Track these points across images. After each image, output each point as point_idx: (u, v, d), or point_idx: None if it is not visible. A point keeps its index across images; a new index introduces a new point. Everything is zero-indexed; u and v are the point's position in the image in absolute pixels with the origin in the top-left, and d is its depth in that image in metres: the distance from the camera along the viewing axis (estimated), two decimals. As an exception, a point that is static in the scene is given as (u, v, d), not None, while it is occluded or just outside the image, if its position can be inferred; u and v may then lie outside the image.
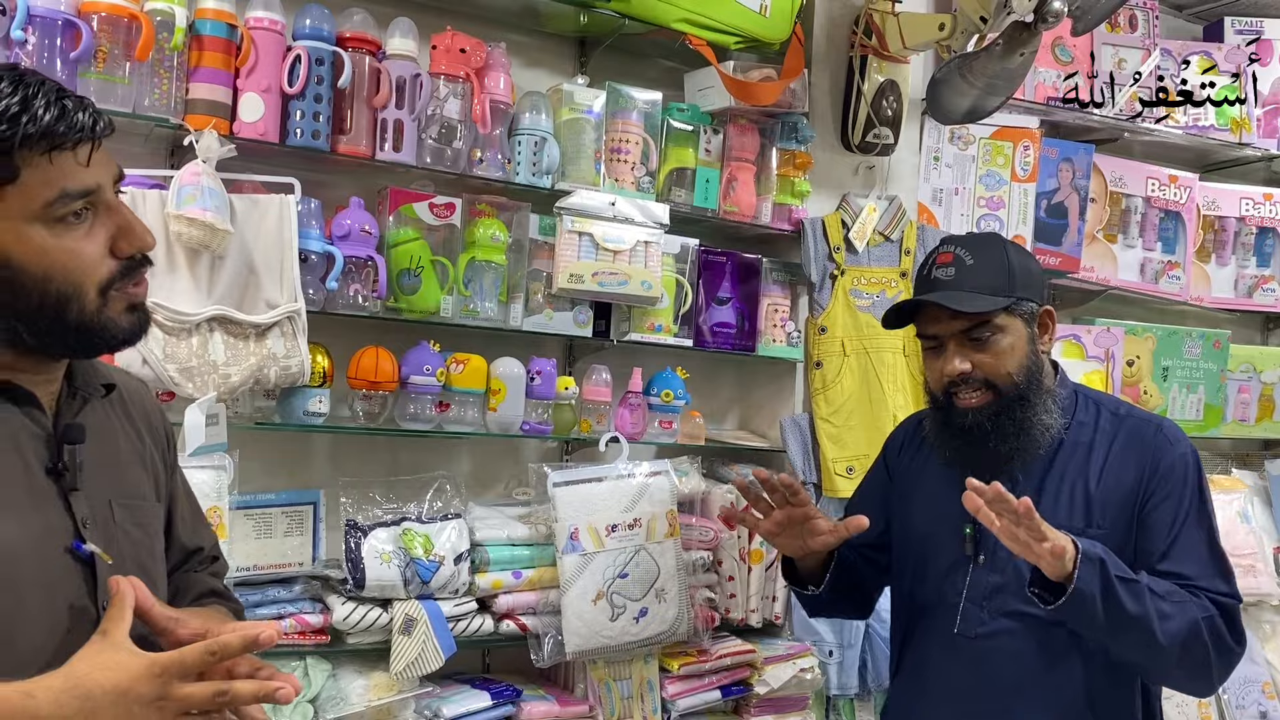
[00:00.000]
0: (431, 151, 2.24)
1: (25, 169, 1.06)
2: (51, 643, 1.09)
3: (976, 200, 3.01)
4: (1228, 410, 3.41)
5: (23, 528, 1.09)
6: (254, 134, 2.05)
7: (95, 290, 1.12)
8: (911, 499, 1.94)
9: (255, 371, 1.99)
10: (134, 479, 1.27)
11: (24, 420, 1.14)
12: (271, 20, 2.07)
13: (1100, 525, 1.72)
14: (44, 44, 1.86)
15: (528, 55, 2.56)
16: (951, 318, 1.74)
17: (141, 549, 1.23)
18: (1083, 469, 1.77)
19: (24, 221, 1.08)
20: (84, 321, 1.12)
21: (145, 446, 1.32)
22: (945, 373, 1.76)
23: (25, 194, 1.07)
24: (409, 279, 2.20)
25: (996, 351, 1.74)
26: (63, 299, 1.10)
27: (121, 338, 1.17)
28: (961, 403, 1.76)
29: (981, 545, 1.77)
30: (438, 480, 2.28)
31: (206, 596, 1.37)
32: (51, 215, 1.08)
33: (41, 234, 1.08)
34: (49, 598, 1.10)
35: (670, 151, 2.55)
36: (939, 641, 1.81)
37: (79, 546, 1.13)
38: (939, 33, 2.55)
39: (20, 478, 1.11)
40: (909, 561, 1.91)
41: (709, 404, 2.82)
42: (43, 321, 1.11)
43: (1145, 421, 1.80)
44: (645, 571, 2.33)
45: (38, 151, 1.06)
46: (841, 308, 2.73)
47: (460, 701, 2.17)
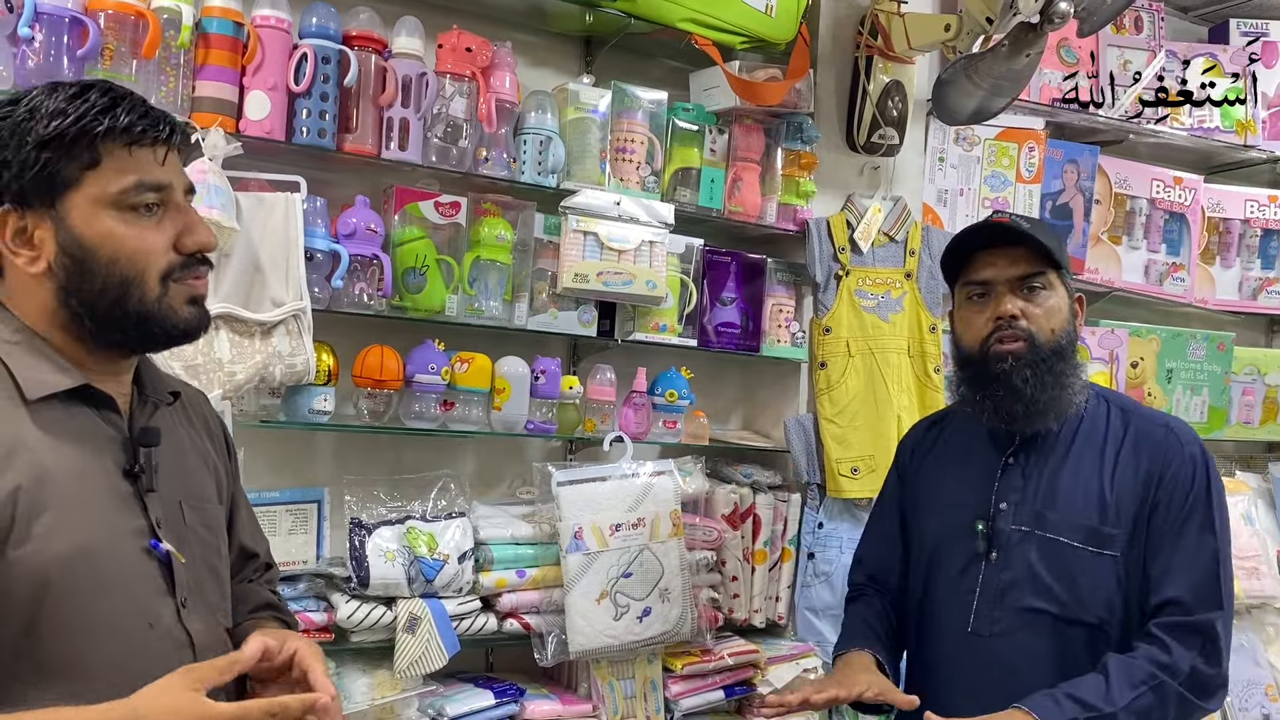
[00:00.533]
0: (437, 150, 2.24)
1: (106, 158, 1.16)
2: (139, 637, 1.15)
3: (981, 201, 3.01)
4: (1232, 413, 3.41)
5: (105, 527, 1.15)
6: (260, 132, 2.05)
7: (157, 277, 1.19)
8: (924, 500, 1.93)
9: (260, 369, 1.99)
10: (200, 482, 1.33)
11: (101, 424, 1.20)
12: (278, 18, 2.07)
13: (1114, 526, 1.71)
14: (51, 41, 1.86)
15: (533, 54, 2.56)
16: (1010, 264, 1.74)
17: (210, 550, 1.30)
18: (1096, 467, 1.76)
19: (99, 205, 1.16)
20: (144, 309, 1.18)
21: (208, 451, 1.38)
22: (996, 313, 1.74)
23: (103, 180, 1.16)
24: (414, 278, 2.20)
25: (1046, 306, 1.75)
26: (125, 282, 1.17)
27: (181, 328, 1.22)
28: (1001, 347, 1.74)
29: (994, 542, 1.77)
30: (442, 479, 2.28)
31: (263, 609, 1.43)
32: (125, 202, 1.16)
33: (113, 218, 1.16)
34: (129, 595, 1.16)
35: (675, 151, 2.55)
36: (952, 639, 1.81)
37: (156, 545, 1.19)
38: (945, 33, 2.55)
39: (102, 479, 1.17)
40: (922, 561, 1.91)
41: (713, 404, 2.82)
42: (104, 304, 1.17)
43: (1154, 422, 1.79)
44: (649, 571, 2.33)
45: (119, 144, 1.16)
46: (846, 308, 2.73)
47: (464, 700, 2.17)
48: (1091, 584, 1.70)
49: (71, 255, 1.15)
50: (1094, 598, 1.70)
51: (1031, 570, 1.69)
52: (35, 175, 1.14)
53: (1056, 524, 1.73)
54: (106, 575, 1.13)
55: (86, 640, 1.11)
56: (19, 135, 1.14)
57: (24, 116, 1.15)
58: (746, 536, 2.61)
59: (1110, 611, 1.70)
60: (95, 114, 1.15)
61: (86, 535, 1.12)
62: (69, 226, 1.15)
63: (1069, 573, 1.71)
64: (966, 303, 1.81)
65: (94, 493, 1.15)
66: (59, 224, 1.15)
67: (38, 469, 1.11)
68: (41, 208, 1.15)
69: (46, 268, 1.16)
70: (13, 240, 1.16)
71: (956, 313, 1.86)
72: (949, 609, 1.82)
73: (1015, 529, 1.76)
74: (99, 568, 1.13)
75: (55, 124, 1.14)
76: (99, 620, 1.12)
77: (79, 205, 1.15)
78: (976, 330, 1.78)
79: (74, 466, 1.14)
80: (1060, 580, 1.71)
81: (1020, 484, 1.77)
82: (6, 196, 1.15)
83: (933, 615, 1.87)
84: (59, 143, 1.14)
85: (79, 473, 1.14)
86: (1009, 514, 1.76)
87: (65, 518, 1.11)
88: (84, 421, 1.18)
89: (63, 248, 1.15)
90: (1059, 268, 1.77)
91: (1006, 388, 1.74)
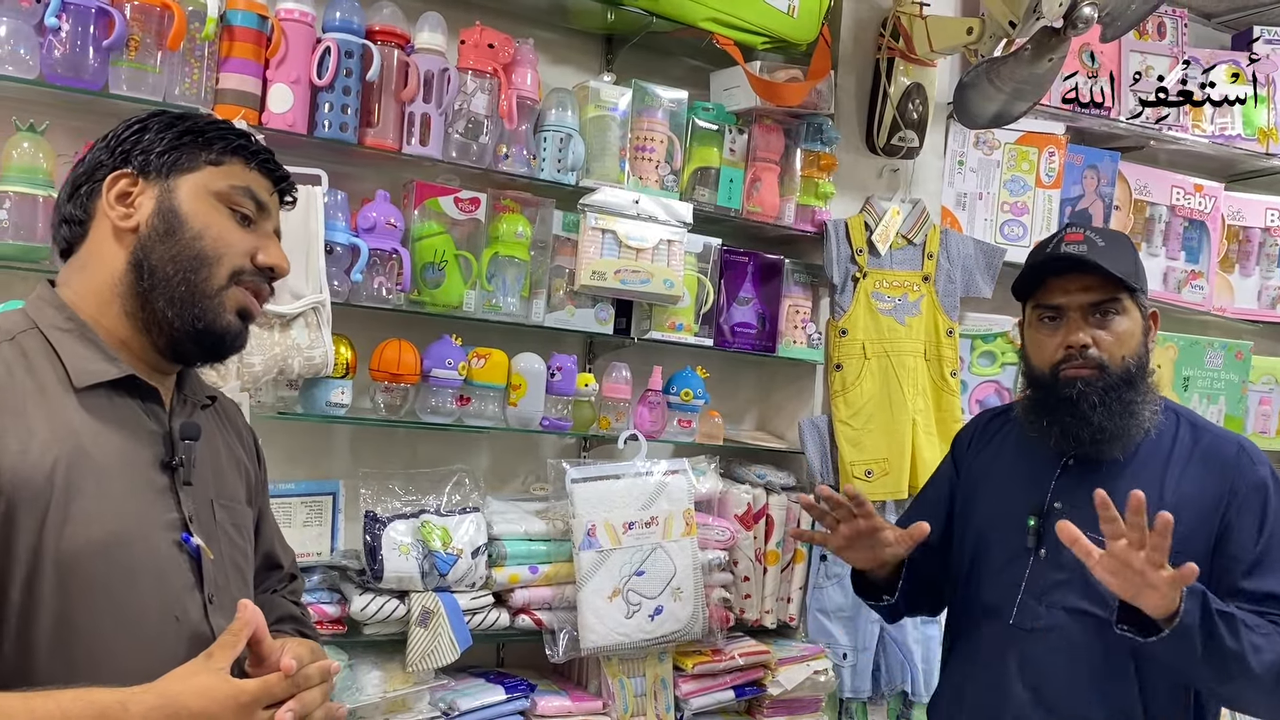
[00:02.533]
0: (458, 146, 2.24)
1: (229, 164, 1.28)
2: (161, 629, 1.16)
3: (1000, 205, 3.00)
4: (1248, 422, 3.39)
5: (139, 517, 1.17)
6: (282, 125, 2.06)
7: (228, 270, 1.25)
8: (978, 491, 1.93)
9: (279, 361, 2.00)
10: (231, 483, 1.36)
11: (144, 416, 1.23)
12: (302, 12, 2.08)
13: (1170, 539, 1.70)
14: (77, 31, 1.88)
15: (555, 52, 2.56)
16: (1082, 289, 1.73)
17: (237, 550, 1.32)
18: (1158, 479, 1.73)
19: (206, 191, 1.26)
20: (203, 293, 1.24)
21: (240, 458, 1.41)
22: (1066, 343, 1.74)
23: (218, 176, 1.27)
24: (433, 273, 2.21)
25: (1117, 332, 1.73)
26: (201, 258, 1.24)
27: (221, 328, 1.26)
28: (1069, 373, 1.73)
29: (1044, 539, 1.76)
30: (457, 474, 2.29)
31: (285, 621, 1.46)
32: (229, 198, 1.27)
33: (213, 206, 1.26)
34: (159, 585, 1.17)
35: (695, 150, 2.55)
36: (993, 631, 1.80)
37: (187, 539, 1.21)
38: (967, 36, 2.54)
39: (140, 469, 1.20)
40: (968, 551, 1.91)
41: (728, 404, 2.82)
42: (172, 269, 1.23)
43: (1227, 440, 1.77)
44: (661, 569, 2.33)
45: (244, 161, 1.30)
46: (863, 310, 2.73)
47: (475, 695, 2.18)
48: None
49: (164, 219, 1.23)
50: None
51: (1080, 571, 1.67)
52: (165, 151, 1.25)
53: None
54: (137, 565, 1.15)
55: (112, 627, 1.12)
56: (172, 124, 1.27)
57: (181, 118, 1.29)
58: (759, 537, 2.61)
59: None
60: (239, 134, 1.30)
61: (121, 523, 1.14)
62: (173, 197, 1.24)
63: None
64: (1038, 323, 1.80)
65: (131, 482, 1.17)
66: (165, 193, 1.24)
67: (79, 452, 1.13)
68: (156, 178, 1.24)
69: (136, 225, 1.23)
70: (116, 199, 1.24)
71: (1027, 330, 1.85)
72: (992, 598, 1.82)
73: None
74: (131, 556, 1.15)
75: (204, 125, 1.28)
76: (127, 609, 1.14)
77: (189, 184, 1.25)
78: (1047, 354, 1.78)
79: (114, 454, 1.16)
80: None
81: (1077, 485, 1.76)
82: (132, 162, 1.25)
83: (975, 602, 1.87)
84: (201, 135, 1.27)
85: (118, 461, 1.17)
86: (1063, 513, 1.74)
87: (101, 504, 1.13)
88: (127, 412, 1.21)
89: (159, 212, 1.23)
90: (1133, 290, 1.74)
91: (1074, 414, 1.73)
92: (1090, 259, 1.71)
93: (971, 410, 2.98)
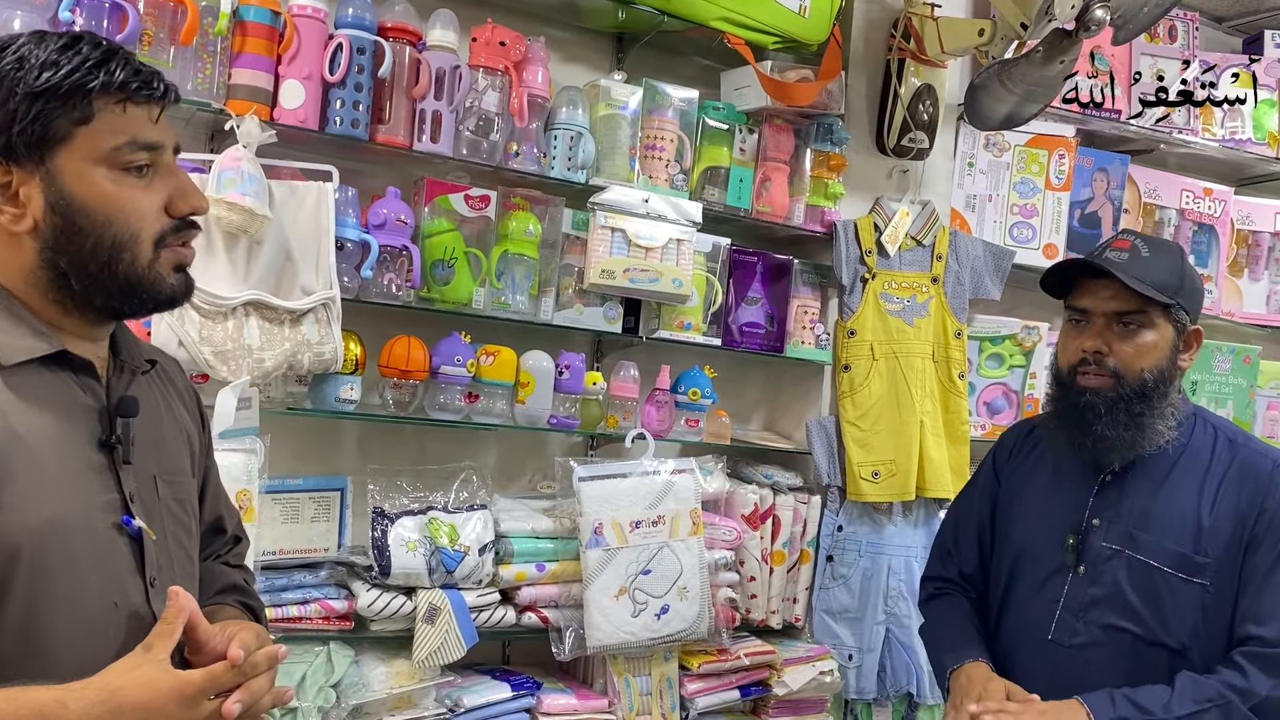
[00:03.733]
0: (468, 143, 2.24)
1: (100, 114, 1.11)
2: (101, 616, 1.11)
3: (1010, 207, 3.00)
4: (1256, 426, 3.38)
5: (78, 500, 1.11)
6: (294, 121, 2.06)
7: (150, 242, 1.15)
8: (1016, 503, 1.93)
9: (289, 357, 2.00)
10: (175, 454, 1.29)
11: (78, 390, 1.15)
12: (314, 8, 2.08)
13: (1206, 554, 1.69)
14: (91, 25, 1.87)
15: (566, 50, 2.57)
16: (1109, 297, 1.73)
17: (181, 527, 1.25)
18: (1196, 494, 1.73)
19: (91, 163, 1.11)
20: (134, 273, 1.15)
21: (184, 421, 1.33)
22: (1081, 348, 1.75)
23: (96, 137, 1.11)
24: (442, 270, 2.21)
25: (1138, 344, 1.73)
26: (118, 245, 1.13)
27: (167, 295, 1.18)
28: (1083, 381, 1.75)
29: (1083, 556, 1.76)
30: (464, 471, 2.29)
31: (228, 591, 1.39)
32: (117, 161, 1.12)
33: (105, 177, 1.12)
34: (99, 572, 1.12)
35: (705, 150, 2.55)
36: (1030, 645, 1.81)
37: (128, 522, 1.15)
38: (978, 38, 2.54)
39: (76, 449, 1.13)
40: (1006, 562, 1.91)
41: (735, 404, 2.82)
42: (94, 266, 1.13)
43: (1262, 456, 1.76)
44: (668, 569, 2.33)
45: (113, 100, 1.12)
46: (871, 311, 2.72)
47: (481, 692, 2.18)
48: (1177, 609, 1.69)
49: (62, 214, 1.10)
50: (1178, 623, 1.69)
51: (1118, 588, 1.69)
52: (24, 128, 1.08)
53: (1148, 546, 1.72)
54: (77, 550, 1.09)
55: (49, 616, 1.07)
56: (7, 85, 1.08)
57: (12, 66, 1.09)
58: (766, 537, 2.61)
59: (1194, 638, 1.69)
60: (89, 68, 1.10)
61: (58, 507, 1.09)
62: (60, 185, 1.10)
63: (1155, 596, 1.70)
64: (1068, 324, 1.82)
65: (67, 463, 1.11)
66: (49, 181, 1.10)
67: (9, 434, 1.07)
68: (30, 163, 1.09)
69: (33, 225, 1.10)
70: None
71: (1061, 329, 1.86)
72: (1031, 614, 1.82)
73: (1106, 546, 1.75)
74: (70, 541, 1.09)
75: (48, 75, 1.08)
76: (65, 596, 1.08)
77: (70, 162, 1.10)
78: (1069, 355, 1.79)
79: (47, 434, 1.10)
80: (1146, 602, 1.70)
81: (1115, 502, 1.76)
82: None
83: (1013, 619, 1.87)
84: (51, 95, 1.08)
85: (53, 441, 1.10)
86: (1101, 530, 1.76)
87: (37, 488, 1.07)
88: (60, 388, 1.13)
89: (52, 206, 1.10)
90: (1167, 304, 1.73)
91: (1079, 420, 1.75)
92: (1119, 269, 1.70)
93: (979, 412, 2.98)
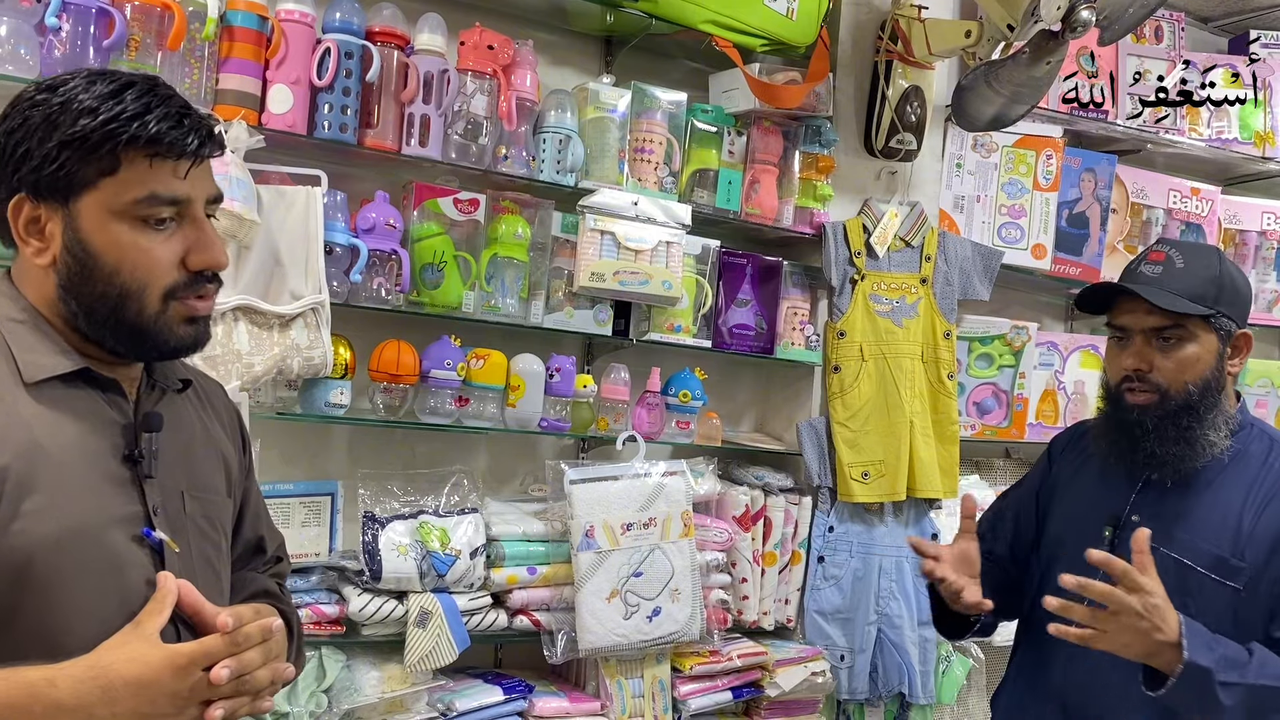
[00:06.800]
0: (457, 147, 2.25)
1: (125, 166, 1.13)
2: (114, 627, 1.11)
3: (998, 208, 3.01)
4: (1245, 425, 3.39)
5: (96, 510, 1.13)
6: (282, 125, 2.06)
7: (159, 294, 1.16)
8: (1060, 499, 1.95)
9: (278, 362, 2.00)
10: (207, 473, 1.30)
11: (105, 406, 1.18)
12: (302, 13, 2.08)
13: (1242, 559, 1.69)
14: (77, 31, 1.87)
15: (554, 53, 2.57)
16: (1146, 313, 1.73)
17: (208, 542, 1.27)
18: (1240, 498, 1.73)
19: (110, 213, 1.14)
20: (140, 323, 1.16)
21: (220, 442, 1.35)
22: (1123, 366, 1.76)
23: (119, 188, 1.13)
24: (432, 274, 2.21)
25: (1180, 358, 1.73)
26: (124, 295, 1.15)
27: (174, 345, 1.20)
28: (1130, 399, 1.76)
29: (1119, 549, 1.75)
30: (455, 474, 2.29)
31: (259, 596, 1.39)
32: (136, 214, 1.14)
33: (122, 229, 1.14)
34: (116, 581, 1.13)
35: (693, 152, 2.56)
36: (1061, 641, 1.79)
37: (149, 534, 1.16)
38: (965, 40, 2.54)
39: (98, 462, 1.15)
40: (1045, 551, 1.92)
41: (726, 405, 2.82)
42: (101, 313, 1.15)
43: None
44: (659, 571, 2.34)
45: (141, 153, 1.13)
46: (861, 312, 2.73)
47: (473, 696, 2.18)
48: (1207, 609, 1.67)
49: (75, 256, 1.14)
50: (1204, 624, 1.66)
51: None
52: (53, 172, 1.12)
53: (1183, 545, 1.72)
54: (91, 560, 1.11)
55: (65, 623, 1.09)
56: (46, 128, 1.12)
57: (57, 109, 1.13)
58: (757, 538, 2.62)
59: None
60: (124, 119, 1.12)
61: (75, 518, 1.11)
62: (77, 228, 1.13)
63: (1186, 594, 1.69)
64: (1111, 341, 1.83)
65: (88, 475, 1.13)
66: (68, 223, 1.13)
67: (32, 447, 1.09)
68: (55, 202, 1.13)
69: (52, 261, 1.15)
70: (25, 229, 1.15)
71: (1106, 346, 1.87)
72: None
73: None
74: (84, 551, 1.11)
75: (84, 124, 1.12)
76: (79, 604, 1.10)
77: (90, 208, 1.13)
78: (1114, 372, 1.80)
79: (70, 447, 1.12)
80: (1175, 600, 1.67)
81: (1157, 500, 1.77)
82: (24, 185, 1.13)
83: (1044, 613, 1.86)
84: (81, 144, 1.12)
85: (75, 454, 1.13)
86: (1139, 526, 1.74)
87: (55, 499, 1.09)
88: (86, 403, 1.16)
89: (68, 247, 1.14)
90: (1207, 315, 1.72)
91: (1129, 438, 1.76)
92: (1151, 287, 1.70)
93: (968, 412, 2.99)
